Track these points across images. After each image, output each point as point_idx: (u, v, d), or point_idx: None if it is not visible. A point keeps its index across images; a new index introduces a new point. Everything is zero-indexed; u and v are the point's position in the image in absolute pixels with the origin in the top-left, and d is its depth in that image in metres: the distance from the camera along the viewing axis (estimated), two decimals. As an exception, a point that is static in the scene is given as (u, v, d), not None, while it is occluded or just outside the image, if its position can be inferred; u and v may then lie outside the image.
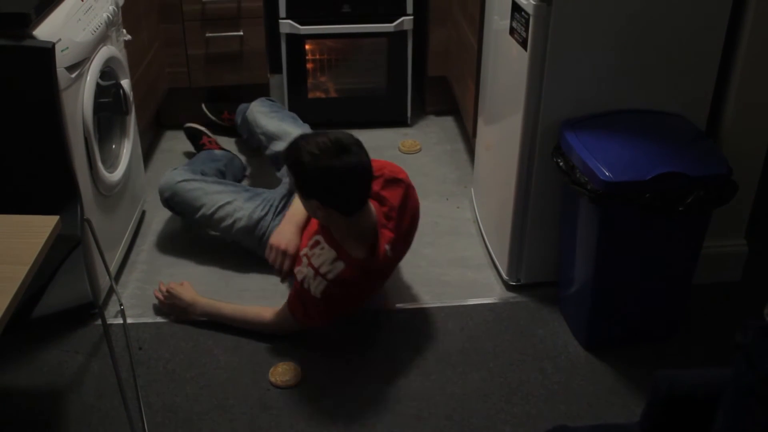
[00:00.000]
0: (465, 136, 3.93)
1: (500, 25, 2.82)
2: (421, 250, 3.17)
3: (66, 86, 2.43)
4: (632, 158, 2.44)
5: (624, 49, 2.56)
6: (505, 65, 2.84)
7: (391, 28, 3.83)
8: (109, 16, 2.77)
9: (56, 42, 2.35)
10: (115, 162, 2.92)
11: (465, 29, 3.58)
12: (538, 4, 2.48)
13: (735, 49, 2.63)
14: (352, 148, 2.44)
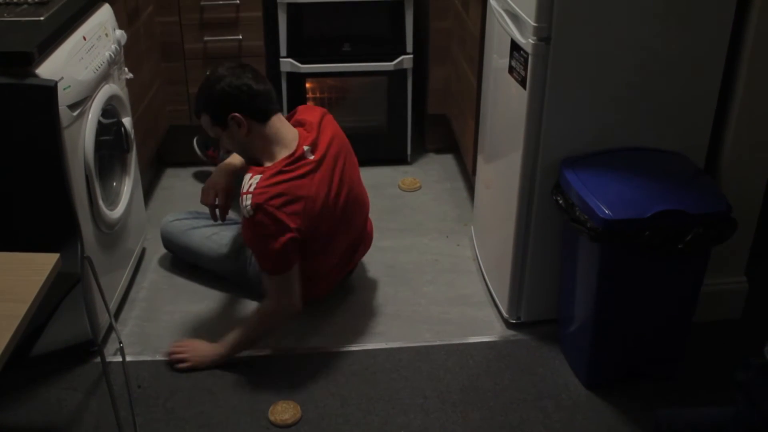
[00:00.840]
0: (465, 174, 3.95)
1: (499, 63, 2.84)
2: (421, 288, 3.17)
3: (68, 124, 2.45)
4: (631, 196, 2.44)
5: (623, 88, 2.57)
6: (505, 104, 2.85)
7: (391, 66, 3.85)
8: (111, 55, 2.80)
9: (59, 80, 2.37)
10: (116, 199, 2.93)
11: (464, 68, 3.61)
12: (536, 44, 2.50)
13: (733, 87, 2.65)
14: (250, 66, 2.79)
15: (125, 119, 2.94)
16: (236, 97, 2.69)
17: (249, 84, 2.71)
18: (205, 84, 2.77)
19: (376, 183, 3.20)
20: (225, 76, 2.71)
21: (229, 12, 3.77)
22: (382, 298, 3.13)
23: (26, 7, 2.66)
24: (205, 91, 2.75)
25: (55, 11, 2.62)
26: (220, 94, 2.70)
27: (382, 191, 3.76)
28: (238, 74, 2.72)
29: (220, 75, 2.72)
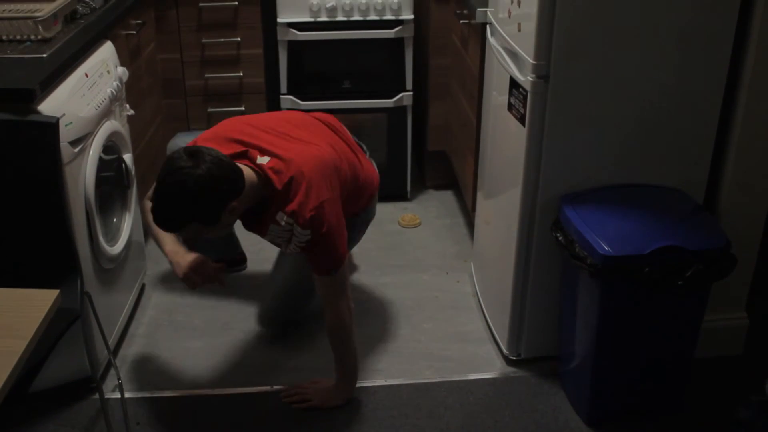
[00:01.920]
0: (464, 210, 3.95)
1: (499, 100, 2.86)
2: (421, 324, 3.16)
3: (69, 160, 2.46)
4: (631, 232, 2.45)
5: (621, 125, 2.59)
6: (504, 140, 2.87)
7: (390, 103, 3.87)
8: (112, 92, 2.81)
9: (60, 117, 2.38)
10: (116, 235, 2.93)
11: (464, 105, 3.63)
12: (535, 81, 2.51)
13: (731, 124, 2.67)
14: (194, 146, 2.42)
15: (126, 155, 2.95)
16: (226, 186, 2.37)
17: (227, 162, 2.39)
18: (178, 193, 2.32)
19: (376, 219, 3.20)
20: (199, 171, 2.29)
21: (231, 49, 3.80)
22: (381, 334, 3.12)
23: (29, 44, 2.68)
24: (187, 200, 2.33)
25: (58, 48, 2.65)
26: (208, 194, 2.33)
27: (382, 227, 3.77)
28: (208, 161, 2.32)
29: (194, 173, 2.29)
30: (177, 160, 2.32)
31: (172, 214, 2.38)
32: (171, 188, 2.33)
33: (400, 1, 3.71)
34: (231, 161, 2.41)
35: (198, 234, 2.48)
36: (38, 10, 2.77)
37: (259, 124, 2.71)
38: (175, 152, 2.37)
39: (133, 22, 3.35)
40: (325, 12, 3.70)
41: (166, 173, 2.34)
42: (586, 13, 2.44)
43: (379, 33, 3.75)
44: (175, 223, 2.42)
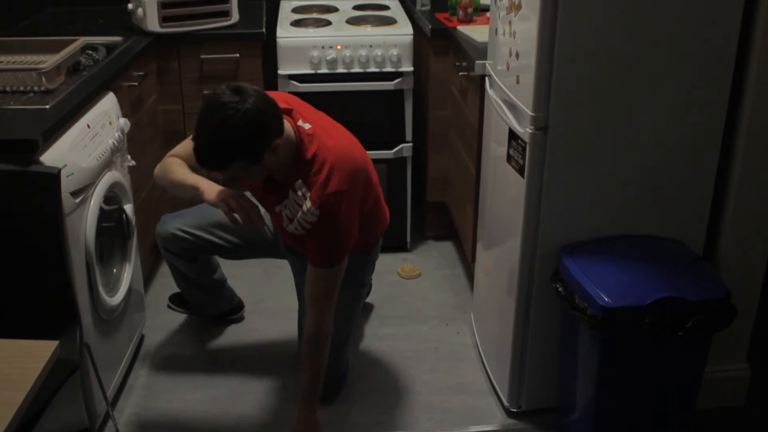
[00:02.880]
0: (464, 261, 3.95)
1: (498, 152, 2.87)
2: (421, 376, 3.15)
3: (70, 211, 2.46)
4: (631, 283, 2.45)
5: (620, 176, 2.60)
6: (503, 192, 2.88)
7: (390, 154, 3.89)
8: (114, 143, 2.83)
9: (62, 168, 2.39)
10: (116, 286, 2.93)
11: (463, 156, 3.65)
12: (534, 133, 2.53)
13: (730, 174, 2.68)
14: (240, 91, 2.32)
15: (127, 206, 2.96)
16: (272, 122, 2.35)
17: (271, 99, 2.37)
18: (227, 128, 2.27)
19: (376, 270, 3.20)
20: (246, 105, 2.26)
21: (232, 101, 3.82)
22: (381, 386, 3.10)
23: (32, 96, 2.71)
24: (236, 134, 2.28)
25: (61, 100, 2.67)
26: (256, 129, 2.30)
27: (382, 278, 3.76)
28: (253, 95, 2.30)
29: (241, 107, 2.26)
30: (221, 96, 2.28)
31: (221, 151, 2.32)
32: (219, 123, 2.27)
33: (399, 54, 3.75)
34: (275, 102, 2.38)
35: (241, 174, 2.42)
36: (42, 61, 2.80)
37: (313, 109, 2.71)
38: (217, 89, 2.31)
39: (136, 73, 3.38)
40: (326, 64, 3.74)
41: (212, 109, 2.28)
42: (585, 66, 2.46)
43: (379, 85, 3.79)
44: (223, 160, 2.34)
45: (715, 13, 2.45)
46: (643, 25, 2.44)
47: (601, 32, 2.44)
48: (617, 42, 2.45)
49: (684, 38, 2.46)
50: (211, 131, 2.29)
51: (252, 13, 4.01)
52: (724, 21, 2.47)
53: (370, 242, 2.89)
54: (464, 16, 3.78)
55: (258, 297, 3.59)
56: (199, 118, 2.33)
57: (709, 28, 2.47)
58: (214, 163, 2.36)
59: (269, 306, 3.25)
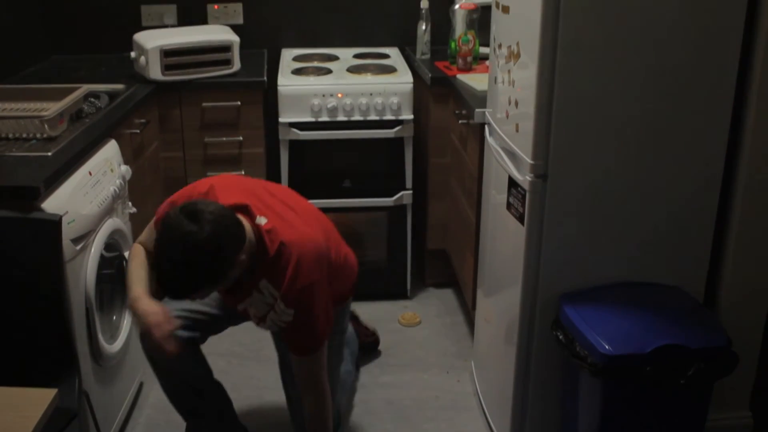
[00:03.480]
0: (465, 309, 3.94)
1: (497, 199, 2.88)
2: (421, 425, 3.13)
3: (71, 258, 2.47)
4: (632, 331, 2.44)
5: (620, 223, 2.60)
6: (503, 239, 2.88)
7: (390, 202, 3.91)
8: (115, 190, 2.84)
9: (63, 215, 2.40)
10: (115, 333, 2.92)
11: (463, 203, 3.66)
12: (533, 181, 2.54)
13: (729, 221, 2.68)
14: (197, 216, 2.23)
15: (127, 253, 2.96)
16: (233, 242, 2.29)
17: (229, 216, 2.29)
18: (188, 262, 2.21)
19: (376, 318, 3.20)
20: (205, 233, 2.19)
21: (232, 148, 3.85)
22: (381, 435, 3.08)
23: (35, 143, 2.72)
24: (197, 267, 2.23)
25: (63, 147, 2.69)
26: (219, 255, 2.25)
27: (382, 326, 3.75)
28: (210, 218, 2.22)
29: (201, 236, 2.19)
30: (178, 226, 2.20)
31: (188, 284, 2.27)
32: (179, 258, 2.21)
33: (400, 102, 3.78)
34: (232, 213, 2.32)
35: (208, 293, 2.41)
36: (45, 109, 2.82)
37: (267, 186, 2.67)
38: (172, 215, 2.23)
39: (137, 121, 3.41)
40: (327, 112, 3.76)
41: (172, 242, 2.22)
42: (584, 114, 2.48)
43: (379, 133, 3.81)
44: (190, 291, 2.30)
45: (714, 64, 2.48)
46: (643, 74, 2.46)
47: (600, 80, 2.46)
48: (617, 90, 2.47)
49: (684, 88, 2.48)
50: (173, 265, 2.23)
51: (254, 62, 4.04)
52: (724, 73, 2.49)
53: (346, 293, 2.85)
54: (464, 65, 3.81)
55: (258, 345, 3.57)
56: (158, 249, 2.28)
57: (709, 80, 2.49)
58: (181, 295, 2.35)
59: (268, 354, 3.23)
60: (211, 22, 4.30)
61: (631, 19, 2.42)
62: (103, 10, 4.24)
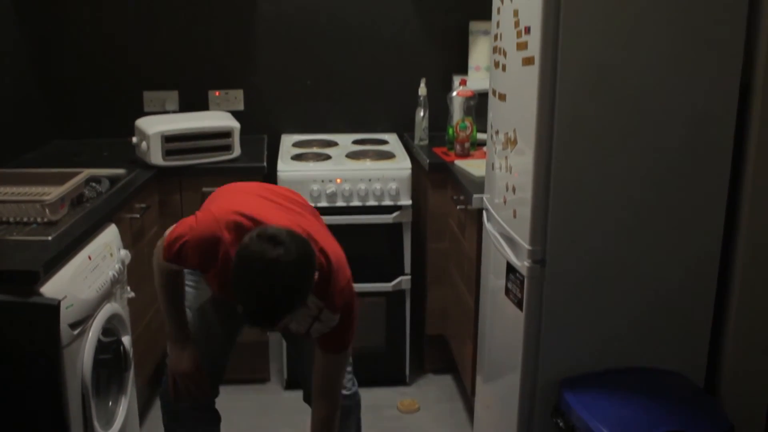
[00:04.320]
0: (464, 395, 3.91)
1: (496, 285, 2.88)
2: None
3: (68, 342, 2.46)
4: (633, 418, 2.42)
5: (619, 309, 2.60)
6: (502, 325, 2.87)
7: (389, 287, 3.90)
8: (114, 275, 2.85)
9: (62, 299, 2.40)
10: (111, 419, 2.88)
11: (462, 289, 3.65)
12: (532, 266, 2.55)
13: (728, 305, 2.68)
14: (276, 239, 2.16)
15: (125, 338, 2.95)
16: (312, 259, 2.22)
17: (298, 234, 2.22)
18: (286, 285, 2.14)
19: (375, 404, 3.15)
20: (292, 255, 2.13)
21: (232, 233, 3.85)
22: None
23: (35, 227, 2.73)
24: (290, 290, 2.15)
25: (63, 231, 2.70)
26: (307, 276, 2.19)
27: (381, 413, 3.71)
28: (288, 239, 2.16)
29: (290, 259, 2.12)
30: (263, 254, 2.11)
31: (280, 310, 2.17)
32: (274, 283, 2.11)
33: (398, 187, 3.81)
34: (299, 234, 2.24)
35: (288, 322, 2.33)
36: (46, 193, 2.84)
37: (271, 189, 2.74)
38: (251, 244, 2.14)
39: (138, 205, 3.42)
40: (326, 197, 3.79)
41: (259, 271, 2.11)
42: (581, 199, 2.50)
43: (378, 218, 3.83)
44: (280, 317, 2.19)
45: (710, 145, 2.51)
46: (640, 159, 2.49)
47: (596, 166, 2.49)
48: (613, 175, 2.50)
49: (680, 170, 2.51)
50: (269, 293, 2.13)
51: (254, 147, 4.08)
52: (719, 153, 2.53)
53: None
54: (461, 151, 3.86)
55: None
56: (243, 282, 2.15)
57: (706, 161, 2.52)
58: (271, 323, 2.22)
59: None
60: (212, 108, 4.37)
61: (627, 104, 2.46)
62: (105, 96, 4.31)
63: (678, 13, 2.43)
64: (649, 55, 2.44)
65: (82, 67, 4.27)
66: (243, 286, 2.15)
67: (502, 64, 2.79)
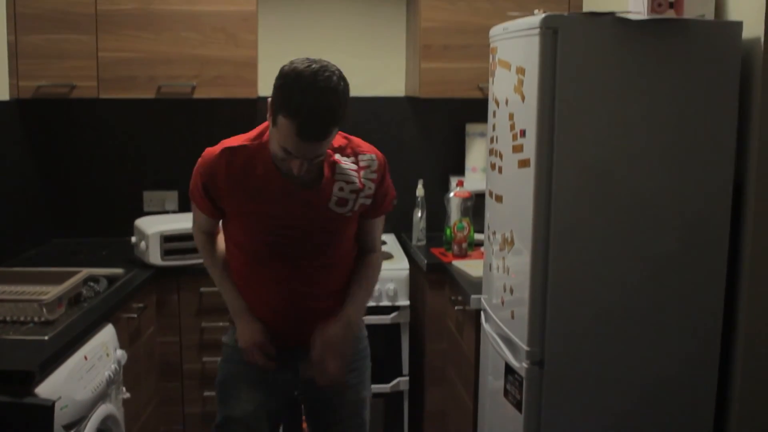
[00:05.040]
0: (462, 500, 3.84)
1: (495, 386, 2.87)
2: None
3: (61, 444, 2.43)
4: None
5: (618, 408, 2.59)
6: (501, 427, 2.84)
7: (387, 388, 3.87)
8: (110, 375, 2.83)
9: (56, 400, 2.38)
10: None
11: (460, 390, 3.62)
12: (530, 368, 2.54)
13: (729, 415, 2.66)
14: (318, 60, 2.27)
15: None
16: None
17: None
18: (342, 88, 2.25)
19: None
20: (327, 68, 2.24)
21: (229, 333, 3.84)
22: None
23: (32, 326, 2.73)
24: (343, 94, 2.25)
25: (60, 331, 2.69)
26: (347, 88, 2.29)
27: None
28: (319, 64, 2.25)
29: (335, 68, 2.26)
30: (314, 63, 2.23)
31: (335, 115, 2.24)
32: (334, 84, 2.22)
33: (396, 288, 3.81)
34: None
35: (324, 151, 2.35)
36: (44, 292, 2.84)
37: None
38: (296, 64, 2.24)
39: (135, 305, 3.42)
40: (324, 297, 3.79)
41: (315, 76, 2.20)
42: (578, 300, 2.51)
43: (376, 318, 3.82)
44: (333, 126, 2.26)
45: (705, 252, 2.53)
46: (635, 261, 2.51)
47: (593, 266, 2.51)
48: (610, 275, 2.52)
49: (677, 273, 2.54)
50: (325, 90, 2.21)
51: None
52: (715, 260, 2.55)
53: None
54: (459, 251, 3.87)
55: None
56: (296, 91, 2.21)
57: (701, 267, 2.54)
58: (325, 130, 2.26)
59: None
60: (211, 208, 4.39)
61: (622, 206, 2.49)
62: (105, 196, 4.34)
63: (671, 117, 2.49)
64: (644, 158, 2.49)
65: (82, 167, 4.32)
66: (292, 92, 2.20)
67: (498, 166, 2.83)
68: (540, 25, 2.44)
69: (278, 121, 2.24)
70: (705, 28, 2.53)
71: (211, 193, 2.49)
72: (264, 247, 2.50)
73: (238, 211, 2.49)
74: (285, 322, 2.57)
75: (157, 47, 3.89)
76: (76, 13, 3.84)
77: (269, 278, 2.53)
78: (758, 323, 2.57)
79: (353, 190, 2.48)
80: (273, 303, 2.56)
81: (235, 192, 2.45)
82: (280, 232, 2.47)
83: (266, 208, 2.45)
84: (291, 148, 2.27)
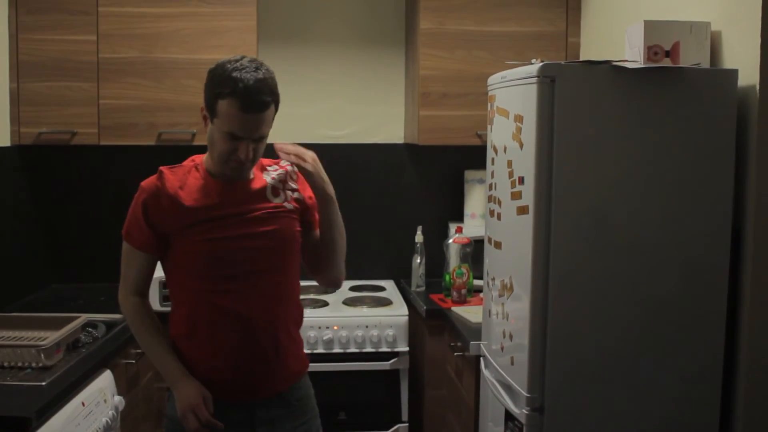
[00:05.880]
0: None
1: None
2: None
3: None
4: None
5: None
6: (501, 474, 2.83)
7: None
8: (108, 421, 2.81)
9: (53, 452, 2.36)
10: None
11: (460, 437, 3.61)
12: (530, 414, 2.53)
13: None
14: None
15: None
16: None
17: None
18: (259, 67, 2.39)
19: None
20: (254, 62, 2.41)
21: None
22: None
23: (30, 372, 2.72)
24: (269, 71, 2.42)
25: (58, 377, 2.68)
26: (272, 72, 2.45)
27: None
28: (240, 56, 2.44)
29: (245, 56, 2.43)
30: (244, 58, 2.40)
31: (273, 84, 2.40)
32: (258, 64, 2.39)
33: (395, 334, 3.81)
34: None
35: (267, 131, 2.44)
36: (42, 338, 2.83)
37: None
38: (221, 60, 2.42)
39: (134, 351, 3.41)
40: (322, 344, 3.78)
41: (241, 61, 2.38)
42: (578, 346, 2.51)
43: (375, 365, 3.81)
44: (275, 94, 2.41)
45: (704, 294, 2.54)
46: (634, 305, 2.51)
47: (593, 313, 2.51)
48: (610, 321, 2.52)
49: (674, 317, 2.53)
50: (256, 69, 2.37)
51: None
52: (714, 304, 2.55)
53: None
54: (458, 297, 3.87)
55: None
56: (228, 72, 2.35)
57: (700, 309, 2.55)
58: (264, 99, 2.37)
59: None
60: (210, 255, 4.39)
61: (621, 251, 2.50)
62: (104, 241, 4.32)
63: (669, 163, 2.51)
64: (642, 204, 2.50)
65: (82, 212, 4.33)
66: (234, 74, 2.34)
67: (497, 212, 2.84)
68: (538, 73, 2.47)
69: (218, 109, 2.36)
70: (701, 76, 2.56)
71: (152, 218, 2.47)
72: (216, 262, 2.45)
73: (183, 225, 2.45)
74: (245, 364, 2.47)
75: (157, 95, 3.92)
76: (78, 60, 3.88)
77: (229, 310, 2.45)
78: (759, 366, 2.55)
79: (281, 180, 2.57)
80: (233, 340, 2.46)
81: (176, 205, 2.45)
82: (228, 243, 2.45)
83: (209, 213, 2.45)
84: (236, 128, 2.36)
